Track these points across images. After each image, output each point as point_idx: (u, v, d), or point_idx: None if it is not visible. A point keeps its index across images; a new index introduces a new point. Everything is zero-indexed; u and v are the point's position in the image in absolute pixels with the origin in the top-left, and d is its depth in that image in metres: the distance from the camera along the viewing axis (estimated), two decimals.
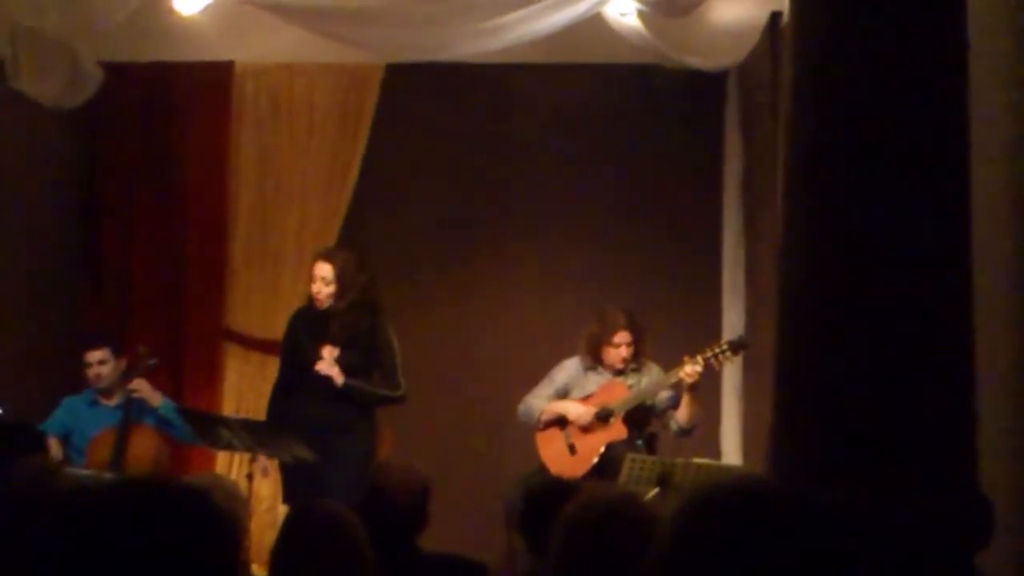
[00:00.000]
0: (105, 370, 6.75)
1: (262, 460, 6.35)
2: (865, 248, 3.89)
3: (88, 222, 8.21)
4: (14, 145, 7.47)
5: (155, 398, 6.73)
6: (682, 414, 6.70)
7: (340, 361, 6.42)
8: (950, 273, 3.93)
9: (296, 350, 6.59)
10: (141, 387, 6.71)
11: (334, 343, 6.43)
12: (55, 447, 6.57)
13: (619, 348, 6.75)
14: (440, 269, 8.30)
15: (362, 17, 6.93)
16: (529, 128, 8.18)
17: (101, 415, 6.72)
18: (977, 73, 4.04)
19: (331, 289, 6.49)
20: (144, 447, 6.61)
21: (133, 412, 6.65)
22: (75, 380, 6.94)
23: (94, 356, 6.76)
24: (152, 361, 6.85)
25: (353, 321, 6.49)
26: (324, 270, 6.52)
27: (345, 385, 6.39)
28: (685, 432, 6.77)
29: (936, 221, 3.92)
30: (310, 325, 6.58)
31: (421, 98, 8.12)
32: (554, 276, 8.21)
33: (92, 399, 6.79)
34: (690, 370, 6.53)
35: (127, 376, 6.78)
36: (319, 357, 6.43)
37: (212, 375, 8.01)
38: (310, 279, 6.59)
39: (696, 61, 7.21)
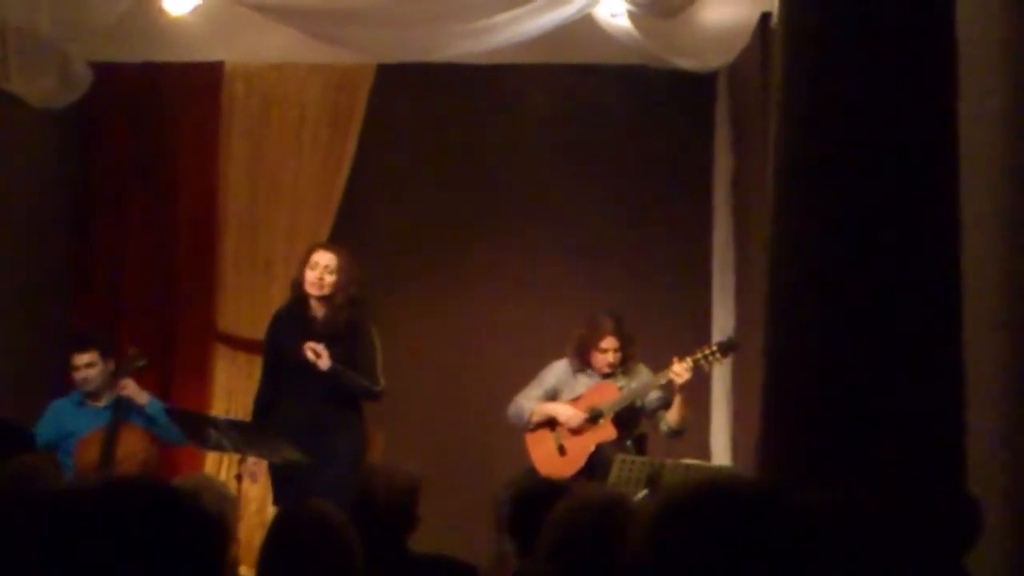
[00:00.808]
0: (92, 372, 6.72)
1: (250, 465, 6.32)
2: (855, 249, 3.89)
3: (78, 222, 8.20)
4: (4, 146, 7.45)
5: (142, 396, 6.70)
6: (673, 415, 6.71)
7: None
8: (941, 272, 3.93)
9: (280, 350, 6.56)
10: (128, 386, 6.68)
11: (318, 340, 6.41)
12: None
13: (606, 353, 6.76)
14: (430, 269, 8.30)
15: (352, 17, 6.92)
16: (519, 129, 8.18)
17: (89, 417, 6.69)
18: (966, 71, 4.04)
19: (333, 279, 6.46)
20: (133, 448, 6.58)
21: (121, 412, 6.63)
22: (65, 381, 6.92)
23: (81, 359, 6.73)
24: (141, 362, 6.82)
25: (338, 319, 6.47)
26: (328, 259, 6.49)
27: (331, 369, 6.35)
28: (676, 433, 6.77)
29: (927, 220, 3.92)
30: (293, 324, 6.55)
31: (411, 99, 8.12)
32: (544, 277, 8.20)
33: (79, 401, 6.76)
34: (679, 370, 6.54)
35: (115, 376, 6.76)
36: (304, 357, 6.41)
37: (202, 376, 8.00)
38: (306, 266, 6.52)
39: (686, 62, 7.21)
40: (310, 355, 6.33)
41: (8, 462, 4.38)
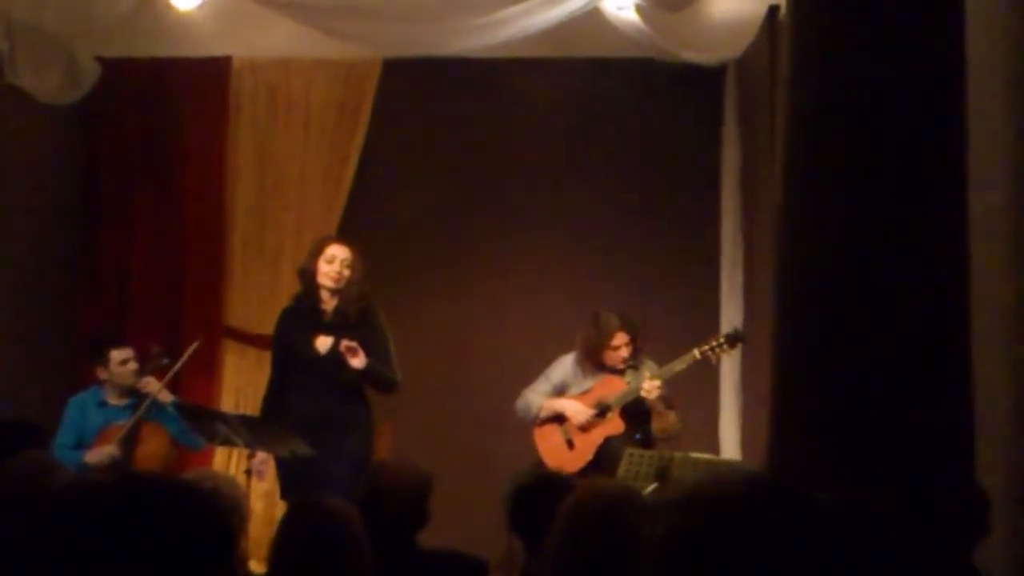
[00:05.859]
0: (128, 369, 6.70)
1: (257, 463, 6.31)
2: (863, 243, 3.88)
3: (86, 218, 8.21)
4: (11, 141, 7.46)
5: (166, 395, 6.70)
6: (655, 426, 6.66)
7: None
8: (948, 266, 3.93)
9: (289, 346, 6.55)
10: (151, 384, 6.67)
11: (328, 332, 6.41)
12: None
13: (619, 350, 6.74)
14: (437, 264, 8.30)
15: (359, 12, 6.93)
16: (526, 123, 8.18)
17: (110, 415, 6.66)
18: (974, 65, 4.04)
19: (349, 273, 6.48)
20: (154, 446, 6.56)
21: (144, 410, 6.59)
22: (73, 378, 6.90)
23: (120, 355, 6.69)
24: (164, 360, 6.79)
25: (349, 310, 6.47)
26: (344, 253, 6.48)
27: (365, 366, 6.34)
28: (665, 440, 6.71)
29: (934, 214, 3.91)
30: (302, 319, 6.54)
31: (418, 93, 8.12)
32: (551, 271, 8.20)
33: (100, 399, 6.73)
34: (649, 387, 6.51)
35: (139, 374, 6.74)
36: (316, 351, 6.41)
37: (211, 371, 8.01)
38: (320, 259, 6.46)
39: (694, 55, 7.21)
40: (346, 353, 6.31)
41: (18, 458, 4.40)
